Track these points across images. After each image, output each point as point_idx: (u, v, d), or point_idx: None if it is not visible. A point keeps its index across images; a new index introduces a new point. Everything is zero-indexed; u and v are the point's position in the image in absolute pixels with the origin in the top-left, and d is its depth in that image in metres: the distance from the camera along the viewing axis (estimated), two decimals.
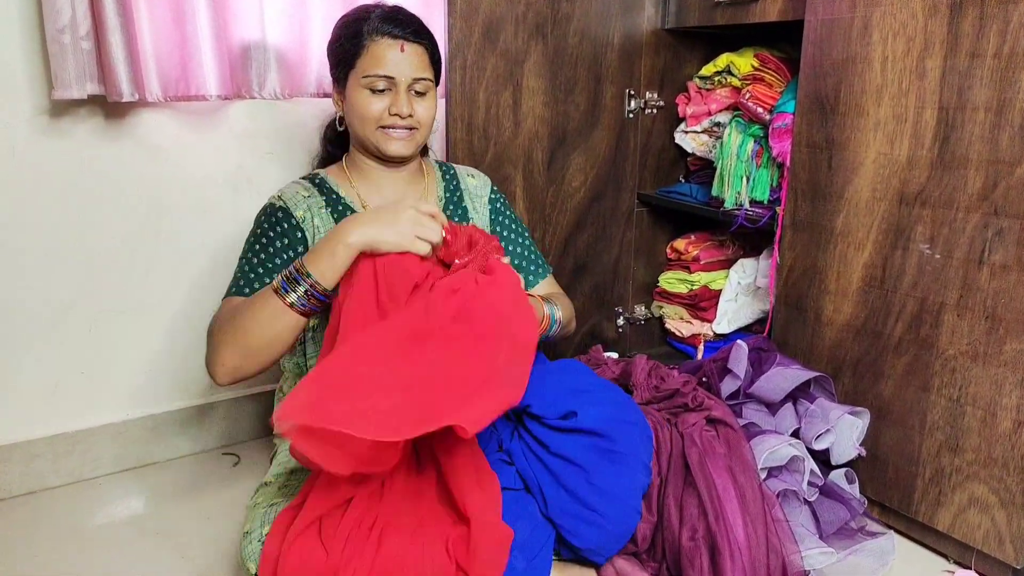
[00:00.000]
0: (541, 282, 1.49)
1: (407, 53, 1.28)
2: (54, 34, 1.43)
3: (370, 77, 1.28)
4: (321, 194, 1.34)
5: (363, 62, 1.28)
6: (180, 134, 1.67)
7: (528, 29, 1.73)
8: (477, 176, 1.51)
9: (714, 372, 1.58)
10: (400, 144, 1.32)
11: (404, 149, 1.32)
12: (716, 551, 1.20)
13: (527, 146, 1.80)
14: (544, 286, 1.50)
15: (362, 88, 1.29)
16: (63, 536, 1.51)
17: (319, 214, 1.31)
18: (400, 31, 1.28)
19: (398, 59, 1.28)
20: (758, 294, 1.94)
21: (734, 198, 1.78)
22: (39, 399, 1.64)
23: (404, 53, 1.28)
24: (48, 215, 1.58)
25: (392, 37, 1.28)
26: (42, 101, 1.53)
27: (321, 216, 1.31)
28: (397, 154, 1.32)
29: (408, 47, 1.28)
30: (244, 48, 1.65)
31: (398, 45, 1.28)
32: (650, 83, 1.96)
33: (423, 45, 1.31)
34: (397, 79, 1.28)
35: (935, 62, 1.32)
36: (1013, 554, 1.31)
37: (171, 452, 1.79)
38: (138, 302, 1.70)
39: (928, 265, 1.37)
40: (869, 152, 1.44)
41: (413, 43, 1.29)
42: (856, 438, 1.46)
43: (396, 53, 1.28)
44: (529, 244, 1.51)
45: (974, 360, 1.33)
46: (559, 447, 1.19)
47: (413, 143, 1.33)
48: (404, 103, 1.28)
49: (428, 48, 1.32)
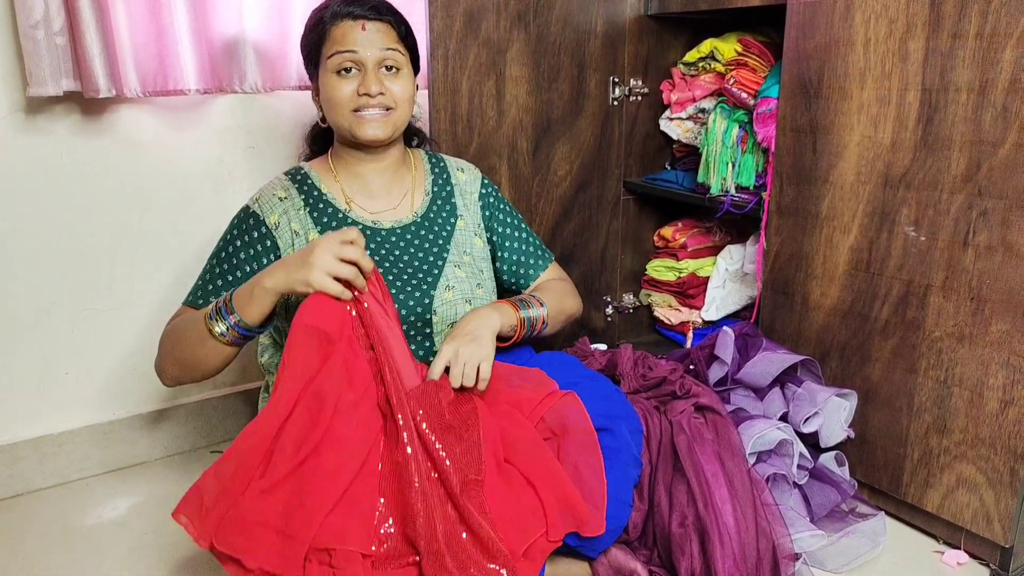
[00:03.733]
0: (543, 272, 1.49)
1: (369, 31, 1.26)
2: (27, 30, 1.41)
3: (334, 57, 1.26)
4: (300, 193, 1.32)
5: (327, 47, 1.27)
6: (160, 129, 1.65)
7: (510, 17, 1.71)
8: (467, 170, 1.47)
9: (701, 359, 1.58)
10: (375, 126, 1.28)
11: (380, 131, 1.28)
12: (706, 537, 1.20)
13: (511, 136, 1.79)
14: (548, 274, 1.50)
15: (331, 73, 1.27)
16: (50, 538, 1.49)
17: (296, 217, 1.30)
18: (359, 10, 1.27)
19: (360, 37, 1.26)
20: (746, 280, 1.95)
21: (720, 184, 1.78)
22: (23, 400, 1.63)
23: (366, 32, 1.26)
24: (27, 214, 1.56)
25: (352, 18, 1.26)
26: (17, 98, 1.51)
27: (300, 218, 1.30)
28: (373, 137, 1.28)
29: (370, 25, 1.26)
30: (223, 41, 1.63)
31: (359, 25, 1.26)
32: (634, 70, 1.95)
33: (386, 21, 1.28)
34: (362, 56, 1.26)
35: (917, 44, 1.32)
36: (1002, 533, 1.32)
37: (158, 451, 1.78)
38: (121, 300, 1.69)
39: (913, 247, 1.37)
40: (853, 135, 1.44)
41: (374, 20, 1.27)
42: (844, 420, 1.47)
43: (358, 32, 1.26)
44: (528, 235, 1.50)
45: (960, 341, 1.33)
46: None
47: (390, 124, 1.29)
48: (373, 81, 1.26)
49: (394, 24, 1.29)
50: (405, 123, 1.34)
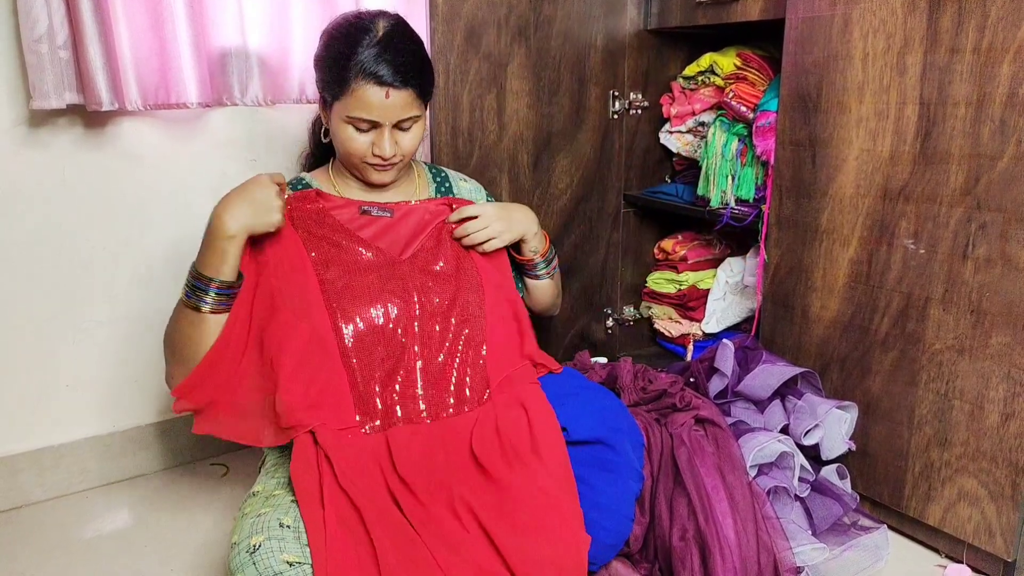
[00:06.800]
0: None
1: (392, 98, 1.23)
2: (31, 44, 1.42)
3: (353, 119, 1.25)
4: None
5: (347, 101, 1.23)
6: (161, 143, 1.66)
7: (511, 32, 1.73)
8: (470, 181, 1.51)
9: (701, 372, 1.58)
10: (384, 174, 1.32)
11: (388, 178, 1.33)
12: (707, 550, 1.20)
13: (512, 149, 1.80)
14: None
15: (345, 124, 1.26)
16: (49, 551, 1.49)
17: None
18: (389, 76, 1.22)
19: (383, 105, 1.23)
20: (746, 293, 1.95)
21: (720, 197, 1.78)
22: (22, 412, 1.62)
23: (389, 99, 1.23)
24: (29, 226, 1.56)
25: (378, 84, 1.21)
26: (21, 111, 1.51)
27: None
28: (380, 183, 1.33)
29: (394, 93, 1.23)
30: (225, 54, 1.64)
31: (383, 92, 1.22)
32: (634, 84, 1.96)
33: (411, 89, 1.25)
34: (381, 121, 1.25)
35: (915, 58, 1.33)
36: (1004, 547, 1.31)
37: (159, 464, 1.78)
38: (121, 312, 1.69)
39: (913, 260, 1.38)
40: (852, 149, 1.44)
41: (400, 89, 1.23)
42: (845, 432, 1.46)
43: (380, 99, 1.23)
44: None
45: (960, 354, 1.33)
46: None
47: (396, 171, 1.33)
48: (387, 145, 1.26)
49: (416, 88, 1.26)
50: (410, 160, 1.36)
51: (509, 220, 1.40)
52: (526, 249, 1.44)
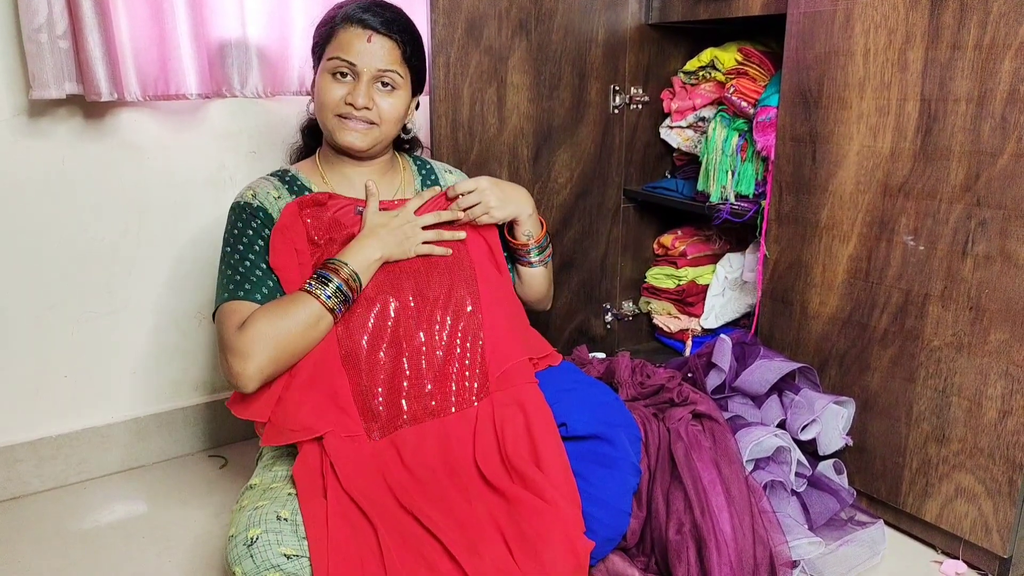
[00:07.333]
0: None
1: (374, 44, 1.25)
2: (31, 33, 1.41)
3: (332, 60, 1.26)
4: (291, 193, 1.31)
5: (330, 47, 1.27)
6: (161, 133, 1.66)
7: (511, 25, 1.72)
8: (455, 172, 1.49)
9: (699, 367, 1.58)
10: (355, 135, 1.28)
11: (358, 140, 1.28)
12: (703, 544, 1.20)
13: (512, 143, 1.79)
14: None
15: (326, 73, 1.27)
16: (47, 541, 1.49)
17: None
18: (371, 20, 1.25)
19: (363, 48, 1.25)
20: (745, 288, 1.95)
21: (719, 192, 1.78)
22: (21, 402, 1.62)
23: (371, 44, 1.25)
24: (28, 216, 1.56)
25: (362, 26, 1.25)
26: (20, 101, 1.51)
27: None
28: (349, 144, 1.28)
29: (376, 39, 1.25)
30: (224, 46, 1.64)
31: (366, 35, 1.25)
32: (635, 78, 1.96)
33: (393, 40, 1.27)
34: (359, 68, 1.25)
35: (916, 54, 1.33)
36: (1000, 543, 1.31)
37: (157, 455, 1.78)
38: (121, 304, 1.69)
39: (912, 257, 1.38)
40: (852, 145, 1.44)
41: (382, 35, 1.26)
42: (842, 427, 1.47)
43: (362, 43, 1.25)
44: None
45: (959, 351, 1.33)
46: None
47: (370, 138, 1.29)
48: (362, 94, 1.25)
49: (400, 43, 1.27)
50: (388, 139, 1.33)
51: (504, 196, 1.38)
52: (520, 232, 1.42)
